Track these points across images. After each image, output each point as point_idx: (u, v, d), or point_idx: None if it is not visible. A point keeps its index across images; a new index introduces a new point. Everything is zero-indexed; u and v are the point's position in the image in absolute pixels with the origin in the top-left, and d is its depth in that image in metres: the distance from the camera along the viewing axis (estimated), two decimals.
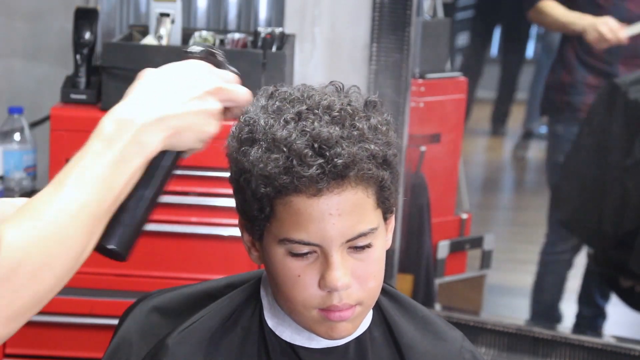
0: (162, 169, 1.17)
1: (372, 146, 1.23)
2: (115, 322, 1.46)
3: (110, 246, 1.12)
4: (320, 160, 1.20)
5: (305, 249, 1.23)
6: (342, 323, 1.27)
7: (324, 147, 1.20)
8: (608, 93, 3.41)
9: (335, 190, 1.21)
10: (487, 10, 6.30)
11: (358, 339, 1.35)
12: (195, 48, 1.23)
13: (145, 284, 2.68)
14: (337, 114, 1.23)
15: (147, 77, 1.17)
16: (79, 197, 1.06)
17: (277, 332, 1.34)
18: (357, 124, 1.24)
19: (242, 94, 1.22)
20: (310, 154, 1.20)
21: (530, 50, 6.77)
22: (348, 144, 1.21)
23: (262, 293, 1.36)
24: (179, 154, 1.19)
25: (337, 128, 1.22)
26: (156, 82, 1.16)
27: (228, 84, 1.21)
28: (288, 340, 1.33)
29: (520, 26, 6.04)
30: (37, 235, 1.02)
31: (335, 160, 1.20)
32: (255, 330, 1.34)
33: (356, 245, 1.24)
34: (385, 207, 1.28)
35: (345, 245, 1.24)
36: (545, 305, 3.76)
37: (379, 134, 1.25)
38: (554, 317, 3.75)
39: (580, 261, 3.77)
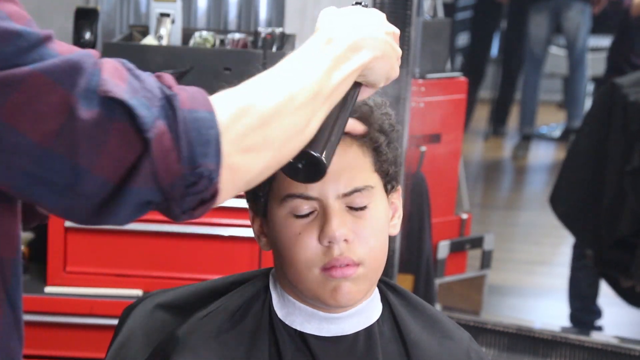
0: (352, 99, 1.22)
1: (373, 109, 1.33)
2: (115, 322, 1.46)
3: (317, 154, 1.16)
4: None
5: (306, 207, 1.29)
6: (346, 283, 1.29)
7: None
8: (608, 94, 3.41)
9: None
10: (487, 10, 6.32)
11: (367, 330, 1.36)
12: (364, 2, 1.28)
13: (145, 284, 2.68)
14: None
15: (340, 13, 1.20)
16: (306, 75, 1.10)
17: (287, 322, 1.35)
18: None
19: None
20: None
21: None
22: None
23: (271, 286, 1.38)
24: (357, 91, 1.24)
25: None
26: (352, 16, 1.20)
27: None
28: (298, 328, 1.35)
29: (520, 26, 6.05)
30: (270, 84, 1.07)
31: None
32: (265, 322, 1.35)
33: (353, 205, 1.30)
34: (383, 173, 1.34)
35: (343, 200, 1.30)
36: (582, 304, 3.75)
37: (376, 107, 1.35)
38: (593, 315, 3.74)
39: None
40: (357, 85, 1.22)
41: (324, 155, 1.16)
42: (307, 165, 1.16)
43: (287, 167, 1.16)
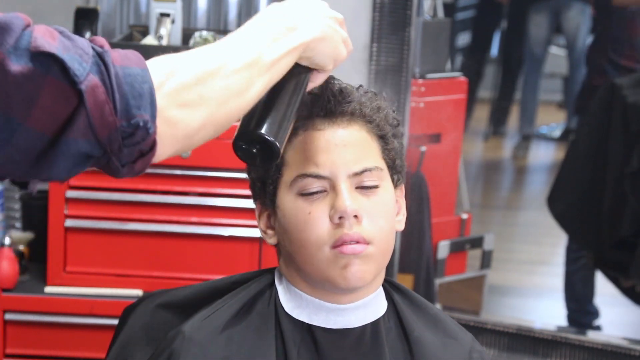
0: (302, 83, 1.24)
1: (380, 102, 1.39)
2: (115, 322, 1.46)
3: (270, 137, 1.19)
4: (332, 99, 1.35)
5: (315, 185, 1.32)
6: (355, 260, 1.31)
7: (341, 91, 1.36)
8: (607, 95, 3.41)
9: (341, 125, 1.34)
10: (488, 10, 6.32)
11: (374, 324, 1.38)
12: None
13: (145, 284, 2.68)
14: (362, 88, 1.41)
15: (281, 3, 1.24)
16: (242, 46, 1.14)
17: (294, 315, 1.36)
18: (371, 95, 1.40)
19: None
20: (328, 94, 1.35)
21: None
22: (360, 95, 1.38)
23: (277, 282, 1.40)
24: (308, 76, 1.27)
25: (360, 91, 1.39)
26: (292, 4, 1.24)
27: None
28: (306, 321, 1.36)
29: (520, 26, 6.05)
30: (203, 52, 1.12)
31: (347, 98, 1.35)
32: (271, 316, 1.37)
33: (363, 185, 1.33)
34: (391, 162, 1.38)
35: (353, 179, 1.33)
36: (578, 306, 3.75)
37: (384, 107, 1.41)
38: (590, 316, 3.74)
39: None
40: (307, 70, 1.24)
41: (277, 139, 1.18)
42: (261, 150, 1.19)
43: (243, 153, 1.20)
